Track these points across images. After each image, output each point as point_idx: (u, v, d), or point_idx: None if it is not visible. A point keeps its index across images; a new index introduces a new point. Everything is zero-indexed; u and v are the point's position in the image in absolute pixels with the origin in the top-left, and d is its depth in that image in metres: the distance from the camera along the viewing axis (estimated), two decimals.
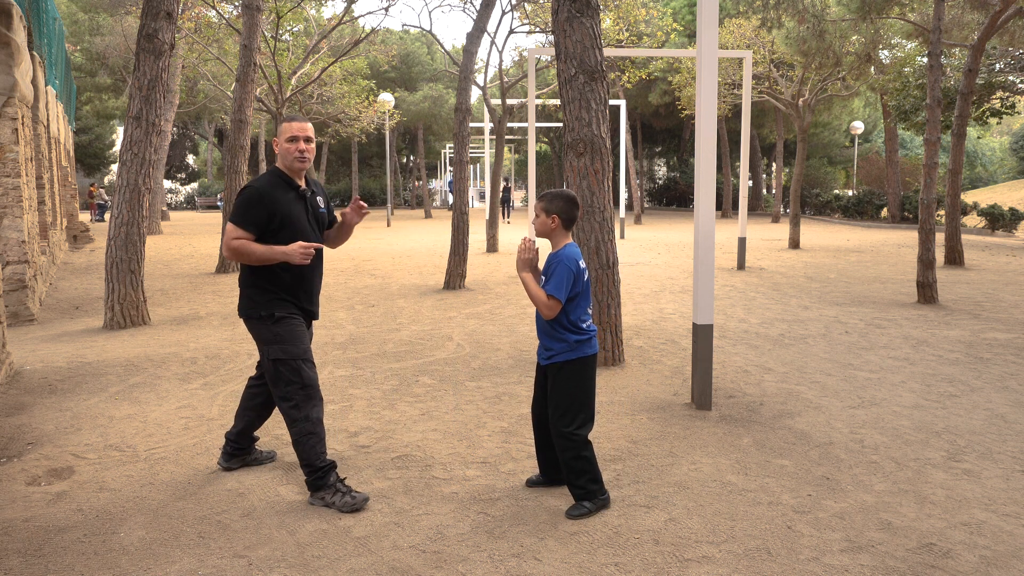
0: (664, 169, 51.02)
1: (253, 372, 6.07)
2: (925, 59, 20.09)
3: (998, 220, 22.21)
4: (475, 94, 40.98)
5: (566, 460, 3.46)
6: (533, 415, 3.69)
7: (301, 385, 3.56)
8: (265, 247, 3.52)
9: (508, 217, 31.15)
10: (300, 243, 3.52)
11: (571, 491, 3.50)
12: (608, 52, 11.00)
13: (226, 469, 3.97)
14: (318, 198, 3.81)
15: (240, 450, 3.99)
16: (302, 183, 3.72)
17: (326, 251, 16.18)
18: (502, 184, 44.83)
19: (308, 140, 3.65)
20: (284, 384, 3.56)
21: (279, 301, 3.61)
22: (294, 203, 3.65)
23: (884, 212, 28.37)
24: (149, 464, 4.08)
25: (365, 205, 3.79)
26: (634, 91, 31.56)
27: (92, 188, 32.57)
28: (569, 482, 3.48)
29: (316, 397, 3.60)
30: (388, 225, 26.87)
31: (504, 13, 15.74)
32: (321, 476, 3.54)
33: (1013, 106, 20.22)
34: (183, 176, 52.91)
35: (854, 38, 17.06)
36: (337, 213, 3.98)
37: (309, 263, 3.63)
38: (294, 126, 3.62)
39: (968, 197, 29.85)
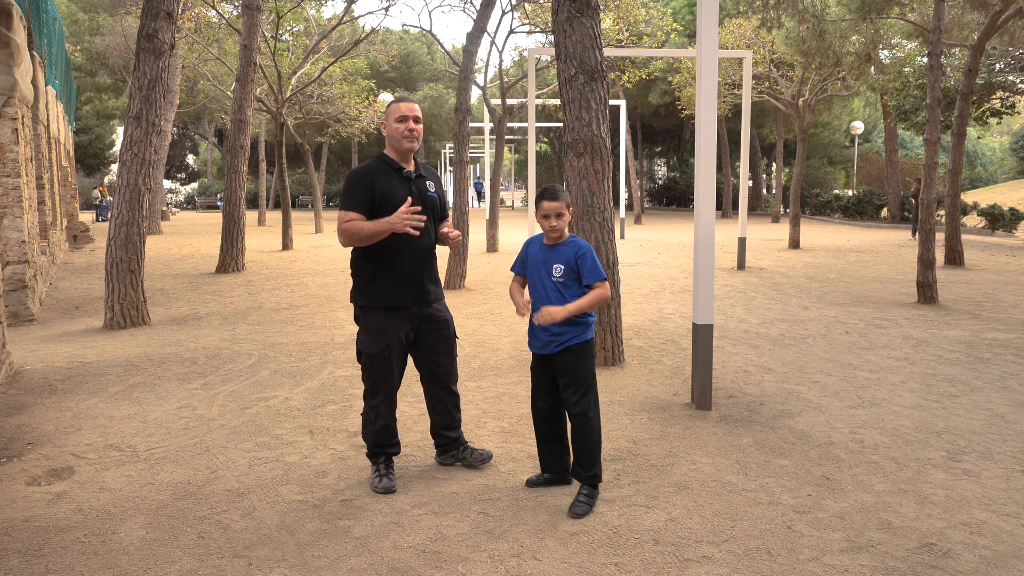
0: (664, 169, 51.03)
1: (253, 372, 6.08)
2: (925, 59, 20.09)
3: (998, 220, 22.22)
4: (475, 94, 41.00)
5: (587, 445, 3.51)
6: (537, 410, 3.69)
7: (370, 378, 3.75)
8: (371, 222, 3.58)
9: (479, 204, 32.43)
10: (403, 208, 3.52)
11: (584, 478, 3.53)
12: (608, 52, 11.00)
13: (439, 464, 4.07)
14: (427, 182, 3.82)
15: (440, 445, 4.06)
16: (409, 166, 3.76)
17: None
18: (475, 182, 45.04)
19: (417, 120, 3.71)
20: (362, 369, 3.80)
21: (373, 292, 3.70)
22: (398, 185, 3.69)
23: (884, 212, 28.37)
24: (149, 464, 4.08)
25: (457, 235, 3.78)
26: (634, 91, 31.56)
27: (102, 189, 32.58)
28: (586, 468, 3.52)
29: (382, 392, 3.74)
30: None
31: (504, 13, 15.75)
32: (369, 454, 3.84)
33: (1013, 106, 20.22)
34: (183, 176, 52.90)
35: (854, 38, 17.06)
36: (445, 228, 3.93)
37: (417, 236, 3.61)
38: (402, 107, 3.70)
39: (968, 197, 29.84)
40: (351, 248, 3.92)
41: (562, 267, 3.57)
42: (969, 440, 4.43)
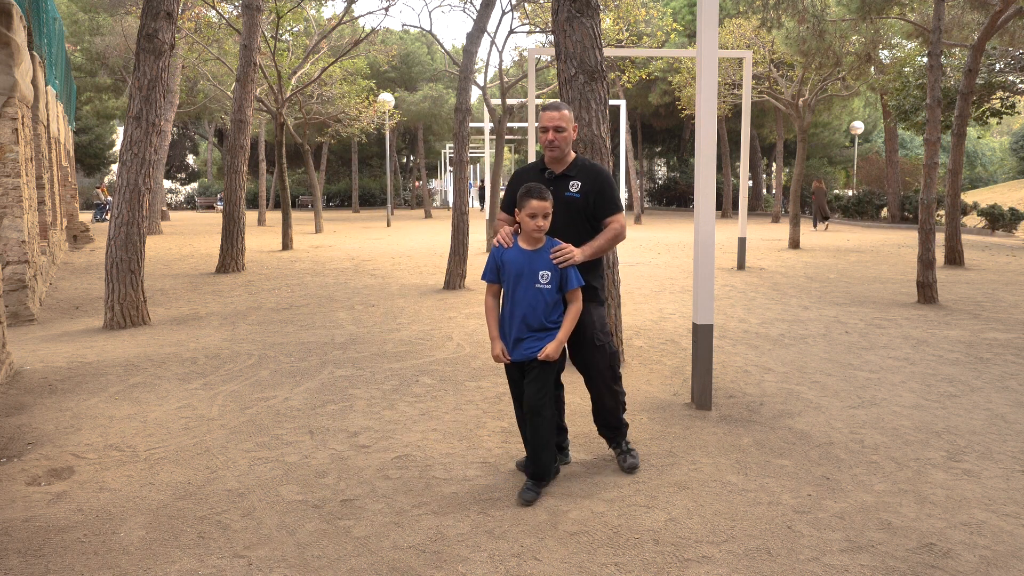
0: (664, 169, 51.02)
1: (253, 372, 6.08)
2: (925, 59, 20.08)
3: (998, 220, 22.22)
4: (475, 94, 41.00)
5: (533, 439, 3.59)
6: (522, 417, 3.74)
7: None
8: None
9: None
10: (501, 233, 3.66)
11: (528, 471, 3.69)
12: (608, 52, 10.99)
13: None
14: (572, 183, 3.80)
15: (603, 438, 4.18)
16: (557, 167, 3.84)
17: None
18: (478, 183, 45.53)
19: (558, 130, 3.74)
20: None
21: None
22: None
23: (884, 212, 28.37)
24: (149, 464, 4.08)
25: (568, 251, 3.60)
26: (634, 91, 31.56)
27: (103, 189, 32.56)
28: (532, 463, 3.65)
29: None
30: (388, 225, 26.88)
31: (504, 13, 15.75)
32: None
33: (1013, 106, 20.21)
34: (183, 176, 52.90)
35: (854, 38, 17.06)
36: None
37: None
38: (544, 116, 3.77)
39: (968, 197, 29.85)
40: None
41: (549, 273, 3.52)
42: (969, 440, 4.43)
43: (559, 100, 3.76)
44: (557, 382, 3.79)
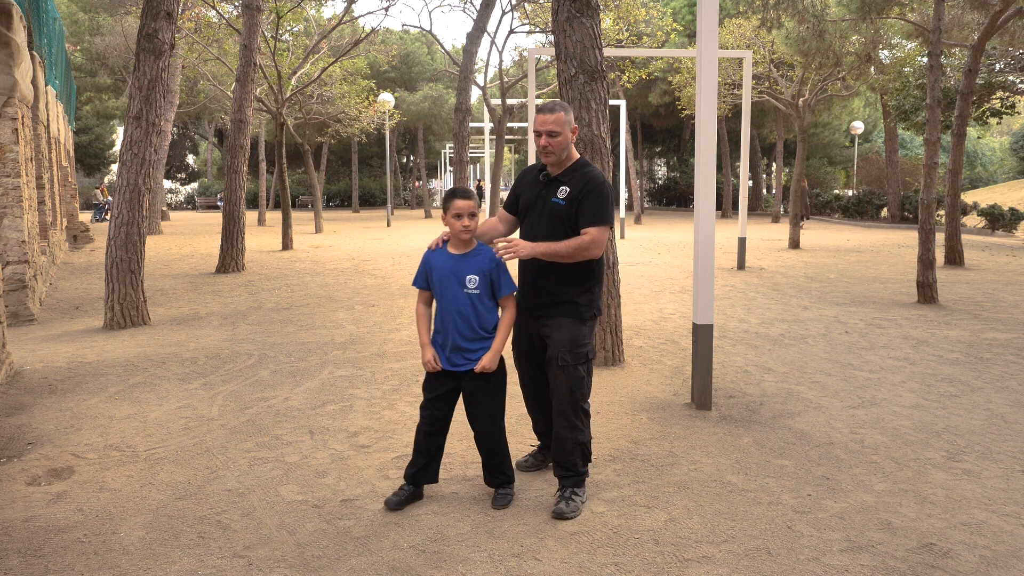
0: (664, 169, 51.02)
1: (253, 372, 6.08)
2: (925, 59, 20.08)
3: (998, 220, 22.22)
4: (475, 94, 40.99)
5: (494, 453, 3.54)
6: (422, 430, 3.55)
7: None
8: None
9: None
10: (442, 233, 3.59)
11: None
12: (608, 52, 11.00)
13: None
14: (562, 188, 3.54)
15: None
16: (554, 172, 3.61)
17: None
18: (475, 183, 45.80)
19: (551, 135, 3.50)
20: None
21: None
22: (531, 186, 3.69)
23: (884, 212, 28.37)
24: (149, 464, 4.08)
25: (514, 244, 3.40)
26: (634, 91, 31.56)
27: (103, 188, 32.55)
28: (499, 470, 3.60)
29: (522, 389, 3.81)
30: (388, 225, 26.88)
31: (504, 13, 15.76)
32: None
33: (1013, 106, 20.20)
34: (183, 176, 52.90)
35: (854, 38, 17.06)
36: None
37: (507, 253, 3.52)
38: (536, 119, 3.54)
39: (968, 197, 29.85)
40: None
41: (477, 278, 3.41)
42: (969, 440, 4.43)
43: (556, 100, 3.54)
44: (548, 395, 3.72)
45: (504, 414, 3.55)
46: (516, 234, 3.84)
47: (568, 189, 3.54)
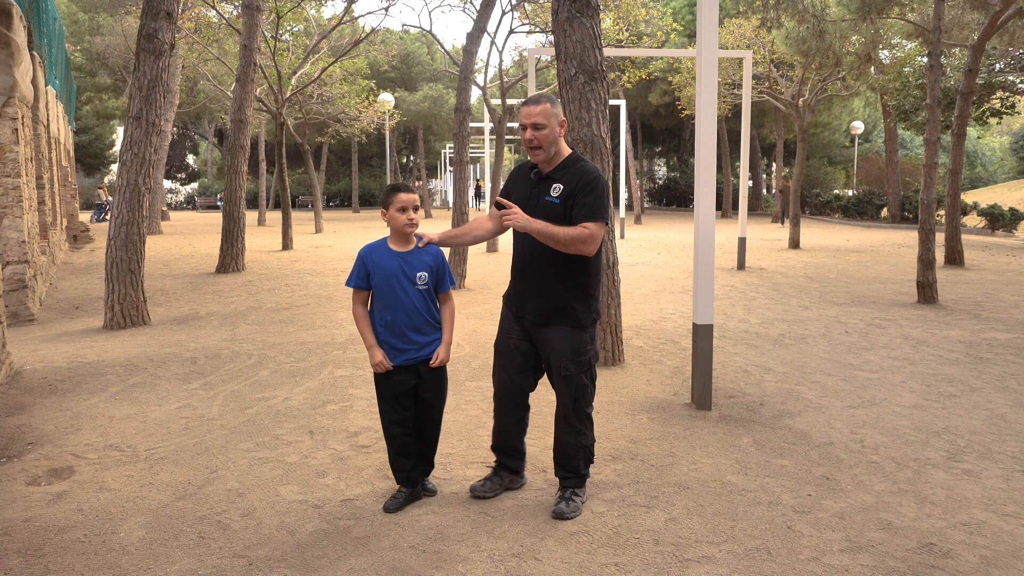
0: (664, 169, 51.03)
1: (253, 372, 6.08)
2: (925, 59, 20.08)
3: (998, 220, 22.21)
4: (475, 94, 40.98)
5: (430, 440, 3.61)
6: (391, 425, 3.50)
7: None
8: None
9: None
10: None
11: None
12: (608, 52, 11.00)
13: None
14: (555, 186, 3.39)
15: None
16: (545, 169, 3.45)
17: None
18: (475, 183, 45.95)
19: (536, 127, 3.33)
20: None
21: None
22: (523, 184, 3.53)
23: (884, 212, 28.37)
24: (149, 464, 4.08)
25: (515, 212, 3.29)
26: (634, 91, 31.57)
27: (103, 188, 32.52)
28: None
29: (496, 396, 3.64)
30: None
31: (504, 13, 15.74)
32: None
33: (1013, 106, 20.20)
34: (183, 176, 52.90)
35: (854, 38, 17.06)
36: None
37: (518, 251, 3.49)
38: (522, 112, 3.38)
39: (968, 197, 29.84)
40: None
41: (426, 275, 3.42)
42: (969, 440, 4.43)
43: (544, 92, 3.40)
44: (524, 404, 3.59)
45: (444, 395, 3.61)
46: (510, 232, 3.80)
47: (561, 186, 3.38)
